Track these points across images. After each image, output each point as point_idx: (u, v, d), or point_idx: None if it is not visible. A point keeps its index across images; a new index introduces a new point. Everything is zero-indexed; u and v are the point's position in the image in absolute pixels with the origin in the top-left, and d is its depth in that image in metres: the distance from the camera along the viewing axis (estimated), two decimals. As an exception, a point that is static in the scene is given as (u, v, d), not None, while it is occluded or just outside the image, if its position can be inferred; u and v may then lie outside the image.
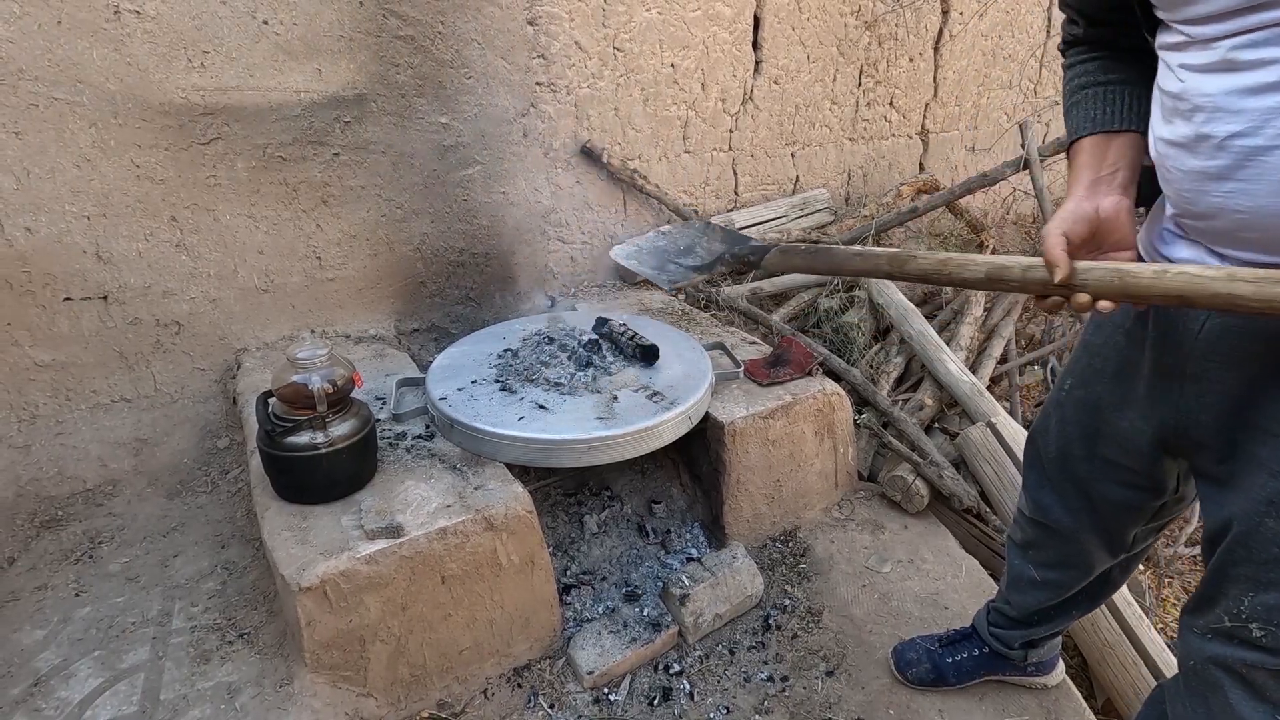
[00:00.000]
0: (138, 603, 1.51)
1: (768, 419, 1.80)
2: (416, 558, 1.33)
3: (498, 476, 1.51)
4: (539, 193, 2.46)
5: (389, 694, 1.37)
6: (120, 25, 1.69)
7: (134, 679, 1.33)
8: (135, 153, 1.78)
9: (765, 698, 1.49)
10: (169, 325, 1.94)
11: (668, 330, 2.00)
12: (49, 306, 1.78)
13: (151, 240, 1.86)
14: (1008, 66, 3.85)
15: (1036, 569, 1.31)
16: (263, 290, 2.05)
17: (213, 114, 1.84)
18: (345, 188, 2.08)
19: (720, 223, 2.81)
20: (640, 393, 1.66)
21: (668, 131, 2.71)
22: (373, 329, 2.25)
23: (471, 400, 1.60)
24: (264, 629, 1.43)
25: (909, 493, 1.96)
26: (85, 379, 1.87)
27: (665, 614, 1.61)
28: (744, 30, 2.78)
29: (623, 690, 1.49)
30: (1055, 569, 1.29)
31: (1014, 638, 1.43)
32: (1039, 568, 1.31)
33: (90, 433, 1.89)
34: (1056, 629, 1.41)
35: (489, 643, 1.46)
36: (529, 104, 2.33)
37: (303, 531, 1.34)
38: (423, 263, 2.28)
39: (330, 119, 1.99)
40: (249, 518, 1.72)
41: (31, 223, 1.71)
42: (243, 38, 1.82)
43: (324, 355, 1.37)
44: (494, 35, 2.18)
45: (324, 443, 1.36)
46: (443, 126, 2.17)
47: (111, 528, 1.74)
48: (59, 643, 1.41)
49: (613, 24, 2.42)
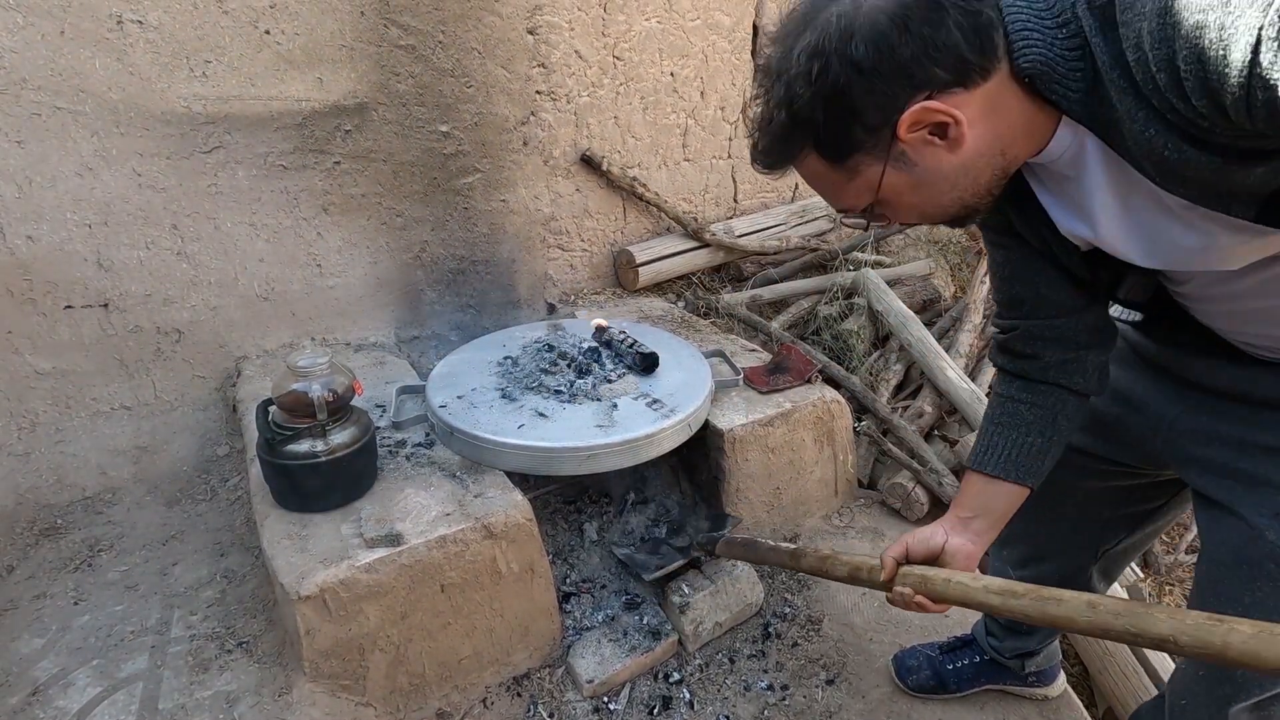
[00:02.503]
0: (136, 611, 1.51)
1: (767, 426, 1.80)
2: (416, 566, 1.33)
3: (497, 484, 1.51)
4: (539, 200, 2.47)
5: (388, 703, 1.37)
6: (123, 35, 1.70)
7: (132, 688, 1.32)
8: (137, 161, 1.79)
9: (765, 706, 1.49)
10: (169, 333, 1.94)
11: (667, 338, 2.00)
12: (50, 314, 1.78)
13: (153, 248, 1.86)
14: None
15: (1013, 568, 1.34)
16: (263, 298, 2.06)
17: (214, 123, 1.85)
18: (346, 196, 2.08)
19: (720, 230, 2.82)
20: (640, 400, 1.66)
21: (667, 139, 2.73)
22: (373, 336, 2.25)
23: (471, 408, 1.60)
24: (263, 638, 1.42)
25: (909, 500, 1.96)
26: (85, 387, 1.87)
27: (665, 622, 1.60)
28: (743, 39, 2.79)
29: (622, 699, 1.49)
30: (1028, 566, 1.32)
31: (1007, 648, 1.43)
32: (1015, 567, 1.34)
33: (90, 440, 1.89)
34: (1046, 639, 1.42)
35: (488, 651, 1.46)
36: (529, 112, 2.34)
37: (302, 540, 1.34)
38: (423, 270, 2.29)
39: (331, 128, 2.00)
40: (248, 526, 1.72)
41: (33, 231, 1.72)
42: (244, 47, 1.83)
43: (324, 363, 1.38)
44: (494, 44, 2.19)
45: (324, 451, 1.36)
46: (443, 135, 2.18)
47: (111, 536, 1.74)
48: (57, 651, 1.40)
49: (612, 33, 2.44)
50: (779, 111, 0.77)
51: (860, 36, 0.70)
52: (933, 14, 0.70)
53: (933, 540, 1.00)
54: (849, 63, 0.71)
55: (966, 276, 3.21)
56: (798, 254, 3.00)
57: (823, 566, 1.17)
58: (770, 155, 0.83)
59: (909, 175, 0.79)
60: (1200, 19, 0.58)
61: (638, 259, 2.63)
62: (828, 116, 0.75)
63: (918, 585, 0.97)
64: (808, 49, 0.73)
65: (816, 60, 0.72)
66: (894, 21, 0.69)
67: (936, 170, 0.78)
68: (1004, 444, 1.02)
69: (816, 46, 0.72)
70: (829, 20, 0.72)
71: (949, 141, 0.75)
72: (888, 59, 0.70)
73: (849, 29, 0.70)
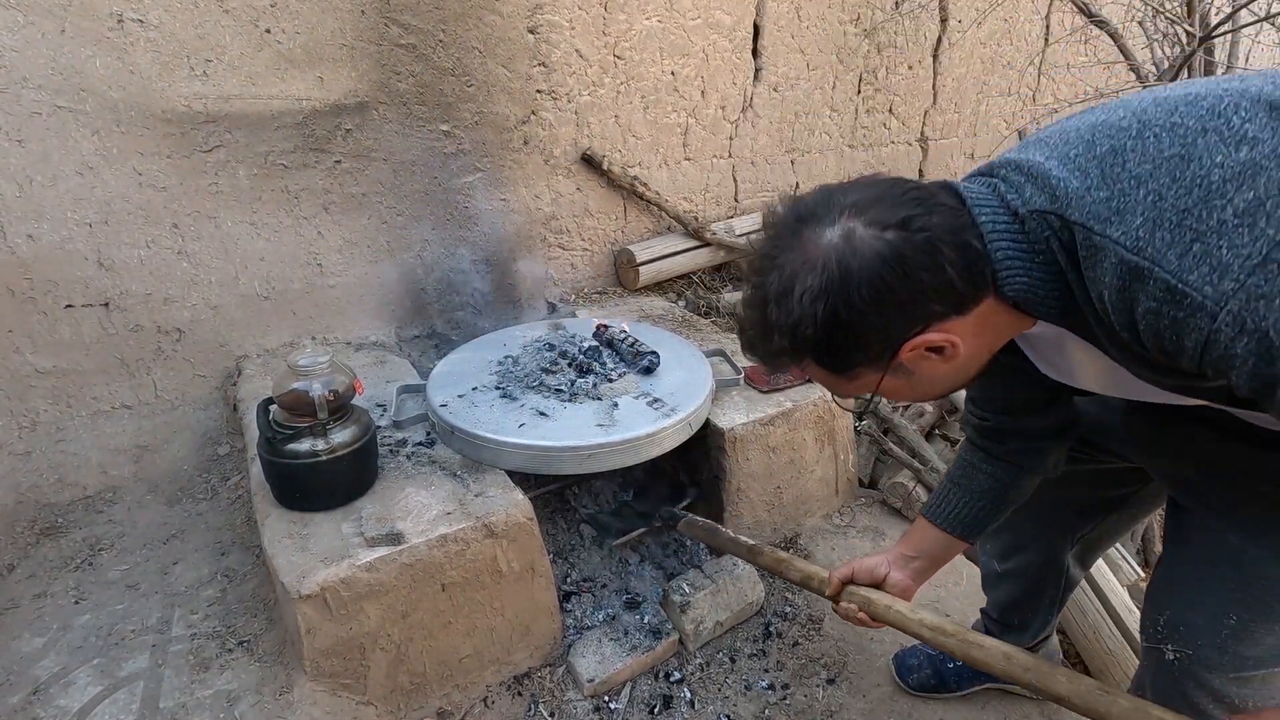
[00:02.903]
0: (137, 610, 1.51)
1: (768, 425, 1.80)
2: (417, 565, 1.33)
3: (498, 483, 1.51)
4: (539, 199, 2.47)
5: (389, 702, 1.37)
6: (124, 34, 1.69)
7: (133, 687, 1.32)
8: (137, 160, 1.79)
9: (766, 706, 1.49)
10: (170, 332, 1.94)
11: (668, 337, 2.00)
12: (51, 313, 1.78)
13: (153, 247, 1.86)
14: (1006, 74, 3.87)
15: (997, 561, 1.39)
16: (264, 297, 2.05)
17: (215, 122, 1.85)
18: (346, 195, 2.08)
19: (721, 229, 2.82)
20: (641, 399, 1.66)
21: (668, 139, 2.72)
22: (373, 335, 2.25)
23: (472, 407, 1.60)
24: (264, 637, 1.42)
25: (910, 499, 1.96)
26: (86, 386, 1.87)
27: (666, 621, 1.60)
28: (744, 38, 2.79)
29: (623, 698, 1.49)
30: (1010, 558, 1.36)
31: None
32: (999, 560, 1.39)
33: (91, 439, 1.89)
34: (1038, 635, 1.43)
35: (489, 650, 1.46)
36: (530, 111, 2.34)
37: (303, 539, 1.34)
38: (424, 269, 2.29)
39: (332, 126, 2.00)
40: (249, 525, 1.72)
41: (34, 230, 1.72)
42: (245, 46, 1.83)
43: (325, 362, 1.37)
44: (495, 43, 2.19)
45: (325, 450, 1.36)
46: (444, 134, 2.18)
47: (111, 535, 1.74)
48: (58, 650, 1.40)
49: (613, 32, 2.43)
50: (781, 339, 0.80)
51: (861, 279, 0.73)
52: (928, 257, 0.73)
53: (876, 571, 1.15)
54: (851, 306, 0.75)
55: (967, 276, 3.21)
56: (798, 253, 2.99)
57: (778, 567, 1.30)
58: (770, 365, 0.87)
59: (907, 381, 0.85)
60: (1154, 307, 0.65)
61: (638, 258, 2.63)
62: (830, 345, 0.79)
63: (862, 604, 1.13)
64: (811, 292, 0.75)
65: (820, 303, 0.75)
66: (892, 268, 0.73)
67: (932, 376, 0.84)
68: (957, 502, 1.14)
69: (819, 290, 0.75)
70: (829, 261, 0.74)
71: (944, 356, 0.80)
72: (889, 301, 0.74)
73: (848, 272, 0.73)
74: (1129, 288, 0.66)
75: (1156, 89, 0.76)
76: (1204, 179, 0.63)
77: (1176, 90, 0.71)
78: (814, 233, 0.76)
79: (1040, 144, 0.77)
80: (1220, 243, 0.61)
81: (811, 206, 0.78)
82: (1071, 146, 0.73)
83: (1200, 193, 0.63)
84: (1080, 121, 0.76)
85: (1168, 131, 0.67)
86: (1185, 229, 0.63)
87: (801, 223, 0.78)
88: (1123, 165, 0.68)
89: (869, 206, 0.75)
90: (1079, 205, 0.69)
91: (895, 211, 0.74)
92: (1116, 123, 0.71)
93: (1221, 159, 0.63)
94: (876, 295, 0.73)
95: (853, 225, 0.74)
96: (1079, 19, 3.37)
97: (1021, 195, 0.74)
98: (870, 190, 0.77)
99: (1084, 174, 0.70)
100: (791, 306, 0.76)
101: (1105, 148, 0.70)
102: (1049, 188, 0.72)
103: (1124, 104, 0.74)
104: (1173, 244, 0.63)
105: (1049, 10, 3.81)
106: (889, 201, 0.75)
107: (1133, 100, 0.74)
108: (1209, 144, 0.64)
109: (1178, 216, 0.63)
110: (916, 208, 0.74)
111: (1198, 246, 0.62)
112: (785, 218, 0.80)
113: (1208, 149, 0.64)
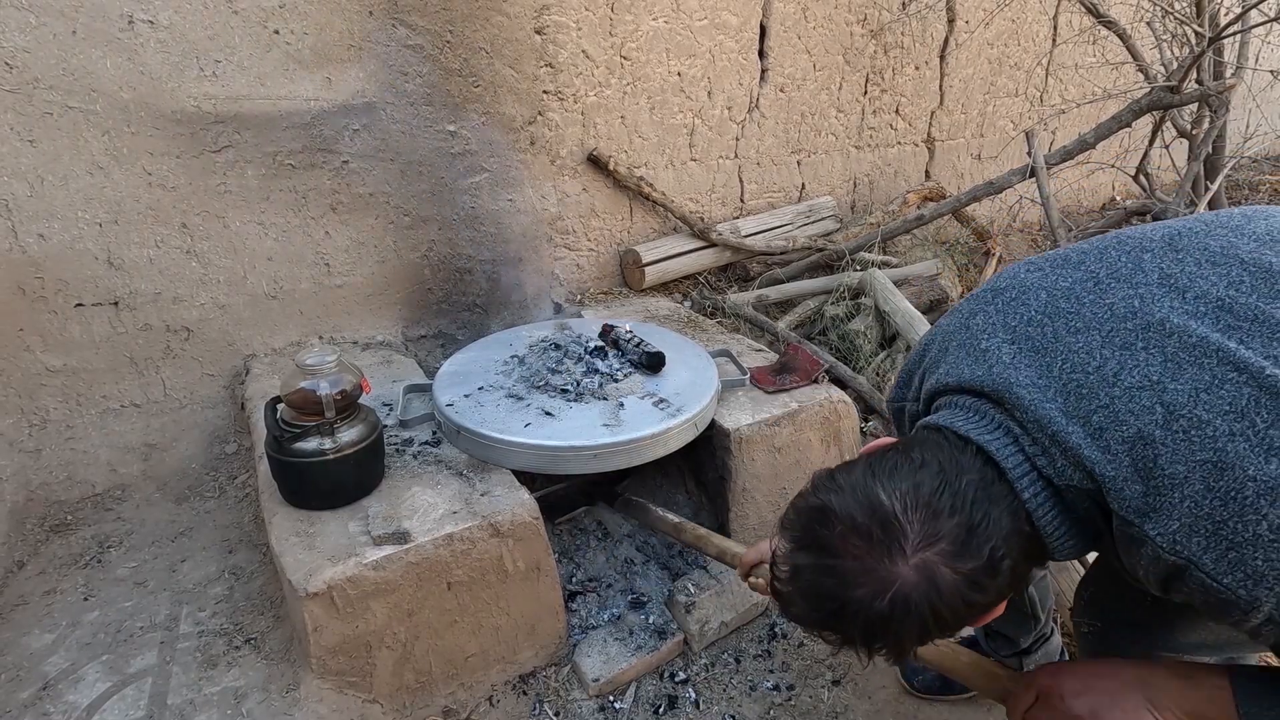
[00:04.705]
0: (146, 607, 1.52)
1: (774, 426, 1.80)
2: (423, 564, 1.33)
3: (504, 483, 1.51)
4: (546, 200, 2.47)
5: (395, 700, 1.37)
6: (134, 35, 1.71)
7: (141, 683, 1.33)
8: (147, 160, 1.80)
9: (771, 706, 1.49)
10: (179, 331, 1.96)
11: (674, 337, 2.00)
12: (61, 312, 1.80)
13: (162, 247, 1.88)
14: (1013, 75, 3.86)
15: None
16: (272, 297, 2.07)
17: (224, 122, 1.86)
18: (354, 195, 2.09)
19: (726, 230, 2.82)
20: (646, 400, 1.66)
21: (674, 139, 2.73)
22: (380, 335, 2.26)
23: (478, 407, 1.60)
24: (271, 634, 1.43)
25: (915, 501, 1.95)
26: (96, 384, 1.88)
27: (671, 622, 1.60)
28: (750, 39, 2.79)
29: (628, 698, 1.49)
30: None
31: (1001, 647, 1.43)
32: None
33: (100, 438, 1.90)
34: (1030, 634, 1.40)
35: (495, 649, 1.47)
36: (536, 112, 2.34)
37: (310, 537, 1.34)
38: (430, 269, 2.29)
39: (340, 127, 2.01)
40: (256, 523, 1.73)
41: (45, 229, 1.73)
42: (254, 47, 1.84)
43: (332, 362, 1.38)
44: (502, 44, 2.20)
45: (332, 449, 1.36)
46: (451, 134, 2.19)
47: (120, 532, 1.75)
48: (67, 647, 1.41)
49: (620, 33, 2.44)
50: (861, 648, 0.80)
51: (946, 606, 0.76)
52: (993, 565, 0.76)
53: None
54: (939, 622, 0.77)
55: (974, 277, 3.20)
56: (804, 254, 2.99)
57: (698, 544, 1.43)
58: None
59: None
60: (1188, 591, 0.73)
61: (644, 259, 2.63)
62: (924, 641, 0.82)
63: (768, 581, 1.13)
64: (912, 633, 0.77)
65: (916, 629, 0.77)
66: (972, 585, 0.75)
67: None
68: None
69: (918, 628, 0.76)
70: (920, 605, 0.75)
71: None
72: (970, 610, 0.78)
73: (936, 606, 0.75)
74: (1164, 573, 0.73)
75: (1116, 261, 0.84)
76: (1238, 492, 0.68)
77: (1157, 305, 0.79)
78: (893, 577, 0.75)
79: (1031, 350, 0.83)
80: (1256, 555, 0.67)
81: (867, 527, 0.76)
82: (1075, 373, 0.78)
83: (1235, 506, 0.68)
84: (1066, 323, 0.82)
85: (1197, 429, 0.70)
86: (1221, 539, 0.69)
87: (869, 544, 0.76)
88: (1154, 460, 0.71)
89: (936, 538, 0.75)
90: (1116, 496, 0.74)
91: (966, 543, 0.75)
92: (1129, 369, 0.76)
93: (1254, 472, 0.67)
94: (956, 610, 0.77)
95: (929, 560, 0.74)
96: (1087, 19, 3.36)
97: (1054, 465, 0.78)
98: (925, 507, 0.76)
99: (1114, 459, 0.74)
100: (886, 639, 0.78)
101: (1132, 430, 0.73)
102: (1082, 466, 0.76)
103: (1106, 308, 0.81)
104: (1208, 549, 0.69)
105: (1057, 11, 3.80)
106: (952, 528, 0.75)
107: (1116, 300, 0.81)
108: (1238, 451, 0.68)
109: (1213, 526, 0.69)
110: (981, 519, 0.76)
111: (1233, 555, 0.68)
112: (843, 532, 0.77)
113: (1238, 458, 0.68)
